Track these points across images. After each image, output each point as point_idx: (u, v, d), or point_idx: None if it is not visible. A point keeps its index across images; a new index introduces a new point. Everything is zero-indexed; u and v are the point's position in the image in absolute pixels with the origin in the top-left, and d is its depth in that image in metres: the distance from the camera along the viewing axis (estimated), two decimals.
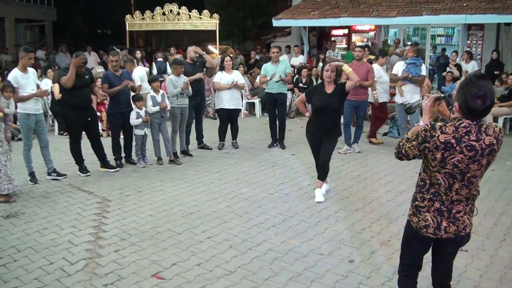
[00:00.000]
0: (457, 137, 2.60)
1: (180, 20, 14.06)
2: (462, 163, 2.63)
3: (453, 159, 2.63)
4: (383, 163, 7.60)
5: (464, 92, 2.57)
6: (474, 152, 2.61)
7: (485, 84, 2.54)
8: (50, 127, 10.29)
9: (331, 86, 5.80)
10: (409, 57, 7.98)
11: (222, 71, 8.52)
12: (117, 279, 3.97)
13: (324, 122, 5.79)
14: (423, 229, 2.84)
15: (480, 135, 2.61)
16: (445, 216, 2.78)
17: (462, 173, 2.67)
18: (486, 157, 2.65)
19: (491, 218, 5.26)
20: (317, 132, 5.89)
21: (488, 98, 2.53)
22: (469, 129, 2.60)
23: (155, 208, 5.64)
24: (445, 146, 2.62)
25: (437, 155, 2.66)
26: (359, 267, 4.17)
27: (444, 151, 2.63)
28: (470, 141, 2.59)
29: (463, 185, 2.71)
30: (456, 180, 2.70)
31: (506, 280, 3.96)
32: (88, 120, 6.96)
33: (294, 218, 5.30)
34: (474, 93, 2.52)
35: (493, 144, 2.64)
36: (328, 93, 5.76)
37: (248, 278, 3.97)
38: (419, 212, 2.85)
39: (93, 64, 15.24)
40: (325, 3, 15.37)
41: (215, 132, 8.84)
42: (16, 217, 5.38)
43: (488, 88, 2.55)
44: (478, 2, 12.82)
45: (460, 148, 2.60)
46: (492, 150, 2.65)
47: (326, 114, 5.76)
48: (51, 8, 27.15)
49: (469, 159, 2.62)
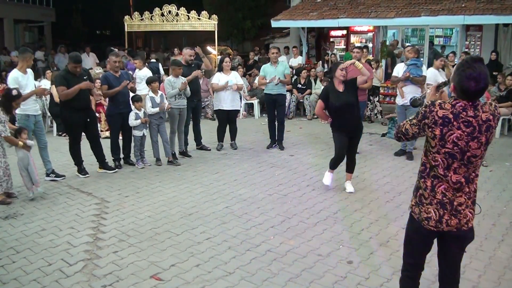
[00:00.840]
0: (454, 112, 2.67)
1: (179, 21, 14.06)
2: (461, 140, 2.67)
3: (452, 135, 2.67)
4: (382, 164, 7.61)
5: (459, 73, 2.65)
6: (471, 128, 2.66)
7: (480, 66, 2.62)
8: (49, 128, 10.30)
9: (341, 84, 6.01)
10: (409, 58, 7.97)
11: (220, 72, 8.52)
12: (116, 280, 3.96)
13: (349, 119, 5.99)
14: (424, 221, 2.84)
15: (476, 111, 2.68)
16: (448, 209, 2.78)
17: (462, 152, 2.70)
18: (485, 134, 2.69)
19: (489, 218, 5.27)
20: (347, 130, 6.05)
21: (482, 80, 2.60)
22: (465, 107, 2.68)
23: (153, 209, 5.64)
24: (443, 121, 2.68)
25: (436, 131, 2.71)
26: (358, 268, 4.17)
27: (442, 127, 2.68)
28: (468, 117, 2.66)
29: (462, 163, 2.73)
30: (456, 159, 2.72)
31: (504, 281, 3.96)
32: (87, 121, 6.96)
33: (293, 219, 5.30)
34: (469, 74, 2.60)
35: (490, 120, 2.69)
36: (341, 91, 5.99)
37: (246, 279, 3.97)
38: (421, 204, 2.85)
39: (91, 65, 15.25)
40: (323, 4, 15.40)
41: (214, 133, 8.84)
42: (15, 218, 5.37)
43: (483, 70, 2.61)
44: (477, 3, 12.84)
45: (457, 124, 2.66)
46: (490, 126, 2.70)
47: (347, 110, 5.95)
48: (50, 8, 27.14)
49: (468, 136, 2.66)
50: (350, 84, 6.01)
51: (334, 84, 6.05)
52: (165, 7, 14.06)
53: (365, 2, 14.75)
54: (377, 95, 11.49)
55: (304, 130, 10.44)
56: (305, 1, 16.25)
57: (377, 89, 11.52)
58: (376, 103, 11.41)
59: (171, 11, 14.02)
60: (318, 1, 15.84)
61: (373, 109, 11.46)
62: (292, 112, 12.09)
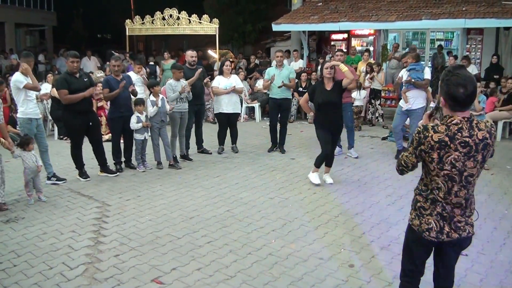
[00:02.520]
0: (450, 135, 2.65)
1: (180, 24, 14.07)
2: (459, 161, 2.66)
3: (449, 157, 2.66)
4: (383, 167, 7.60)
5: (446, 83, 2.67)
6: (468, 148, 2.65)
7: (464, 72, 2.66)
8: (50, 132, 10.31)
9: (330, 83, 6.51)
10: (408, 63, 7.95)
11: (221, 75, 8.53)
12: (117, 284, 3.96)
13: (330, 116, 6.47)
14: (425, 232, 2.83)
15: (472, 130, 2.67)
16: (447, 222, 2.79)
17: (460, 173, 2.69)
18: (481, 152, 2.69)
19: (491, 222, 5.26)
20: (329, 127, 6.52)
21: (469, 84, 2.62)
22: (460, 126, 2.66)
23: (155, 212, 5.63)
24: (439, 145, 2.66)
25: (433, 155, 2.69)
26: (359, 271, 4.16)
27: (439, 150, 2.67)
28: (464, 137, 2.65)
29: (462, 186, 2.73)
30: (455, 182, 2.71)
31: (506, 285, 3.95)
32: (90, 125, 6.95)
33: (294, 222, 5.30)
34: (455, 81, 2.63)
35: (487, 138, 2.69)
36: (328, 90, 6.49)
37: (248, 283, 3.96)
38: (422, 215, 2.85)
39: (92, 69, 15.29)
40: (324, 7, 15.42)
41: (215, 137, 8.85)
42: (16, 221, 5.37)
43: (468, 75, 2.65)
44: (477, 6, 12.85)
45: (454, 146, 2.65)
46: (486, 144, 2.69)
47: (328, 108, 6.43)
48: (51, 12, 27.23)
49: (465, 156, 2.66)
50: (337, 84, 6.51)
51: (323, 83, 6.54)
52: (166, 11, 14.07)
53: (366, 5, 14.77)
54: (379, 99, 11.50)
55: (305, 134, 10.43)
56: (306, 4, 16.28)
57: (379, 93, 11.53)
58: (378, 106, 11.41)
59: (172, 15, 14.03)
60: (319, 4, 15.87)
61: (375, 112, 11.47)
62: (293, 116, 12.09)
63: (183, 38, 23.38)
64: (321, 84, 6.58)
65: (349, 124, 8.29)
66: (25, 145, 5.99)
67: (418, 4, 14.02)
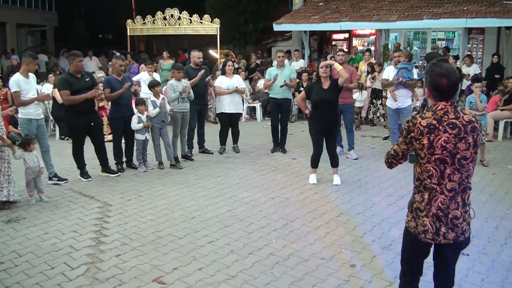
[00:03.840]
0: (437, 118, 2.75)
1: (181, 24, 14.08)
2: (449, 143, 2.72)
3: (440, 140, 2.72)
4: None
5: (430, 75, 2.81)
6: (457, 130, 2.73)
7: (446, 64, 2.81)
8: (52, 132, 10.32)
9: (327, 82, 6.57)
10: (400, 62, 7.96)
11: (223, 75, 8.53)
12: (118, 284, 3.96)
13: (326, 114, 6.52)
14: (421, 234, 2.83)
15: (457, 113, 2.77)
16: (443, 222, 2.78)
17: (452, 155, 2.72)
18: (471, 134, 2.75)
19: (492, 221, 5.24)
20: (321, 128, 6.59)
21: (451, 75, 2.75)
22: (446, 110, 2.76)
23: (156, 212, 5.64)
24: (428, 129, 2.74)
25: (423, 141, 2.75)
26: (360, 271, 4.16)
27: (429, 135, 2.73)
28: (450, 119, 2.74)
29: (455, 168, 2.75)
30: (447, 164, 2.74)
31: (508, 284, 3.94)
32: (91, 125, 6.95)
33: (295, 222, 5.29)
34: (438, 72, 2.77)
35: (473, 121, 2.79)
36: (324, 88, 6.56)
37: (249, 283, 3.97)
38: (417, 217, 2.85)
39: (94, 69, 15.29)
40: (325, 7, 15.42)
41: (216, 137, 8.85)
42: (17, 221, 5.38)
43: (450, 67, 2.79)
44: (479, 6, 12.85)
45: (443, 128, 2.73)
46: (474, 127, 2.77)
47: (324, 107, 6.50)
48: (53, 13, 27.26)
49: (455, 137, 2.72)
50: (334, 83, 6.55)
51: (321, 81, 6.61)
52: (167, 11, 14.08)
53: (367, 5, 14.77)
54: (380, 98, 11.48)
55: (307, 134, 10.34)
56: (307, 4, 16.29)
57: (380, 92, 11.50)
58: (379, 106, 11.40)
59: (173, 15, 14.05)
60: (320, 4, 15.88)
61: (376, 112, 11.46)
62: (295, 116, 12.09)
63: (184, 38, 23.39)
64: (319, 82, 6.65)
65: (349, 126, 8.31)
66: (26, 145, 6.00)
67: (419, 4, 14.02)
